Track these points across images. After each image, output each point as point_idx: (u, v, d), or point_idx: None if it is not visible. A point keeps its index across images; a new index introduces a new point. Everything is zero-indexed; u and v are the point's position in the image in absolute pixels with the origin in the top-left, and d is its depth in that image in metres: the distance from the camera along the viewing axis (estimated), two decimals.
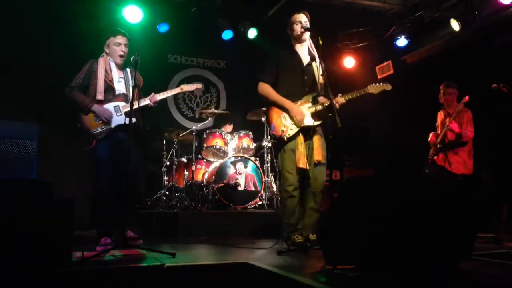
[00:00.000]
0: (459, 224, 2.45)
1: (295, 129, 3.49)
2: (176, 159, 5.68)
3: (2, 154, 3.25)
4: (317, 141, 3.50)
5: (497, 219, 4.66)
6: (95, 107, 3.60)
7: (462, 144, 4.65)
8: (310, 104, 3.52)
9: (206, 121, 5.87)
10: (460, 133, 4.58)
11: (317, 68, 3.50)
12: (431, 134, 4.92)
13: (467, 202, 2.51)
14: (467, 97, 4.63)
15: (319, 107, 3.45)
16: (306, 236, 3.44)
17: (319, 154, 3.46)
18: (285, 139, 3.51)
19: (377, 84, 3.58)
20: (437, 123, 5.00)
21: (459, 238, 2.45)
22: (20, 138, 3.34)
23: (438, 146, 4.73)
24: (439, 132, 4.86)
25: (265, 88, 3.60)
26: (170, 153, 5.71)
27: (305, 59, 3.62)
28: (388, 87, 3.62)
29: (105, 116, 3.61)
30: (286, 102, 3.51)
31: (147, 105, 3.73)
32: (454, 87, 4.80)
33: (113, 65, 3.74)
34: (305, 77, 3.57)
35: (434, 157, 4.79)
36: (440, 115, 4.95)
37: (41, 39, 5.49)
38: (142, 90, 3.94)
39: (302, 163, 3.44)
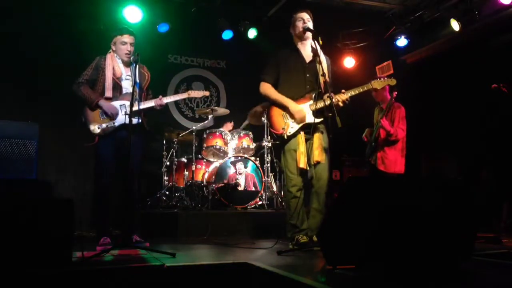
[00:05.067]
0: (459, 224, 2.44)
1: (295, 127, 3.49)
2: (176, 159, 5.68)
3: (2, 154, 3.26)
4: (317, 140, 3.48)
5: (497, 219, 4.66)
6: (102, 102, 3.59)
7: (393, 142, 4.60)
8: (311, 102, 3.51)
9: (206, 121, 5.87)
10: (390, 132, 4.53)
11: (320, 66, 3.49)
12: (366, 130, 4.85)
13: (467, 202, 2.50)
14: (394, 93, 4.57)
15: (320, 105, 3.45)
16: (310, 237, 3.42)
17: (318, 154, 3.45)
18: (285, 137, 3.50)
19: (381, 79, 3.58)
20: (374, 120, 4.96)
21: (459, 238, 2.45)
22: (20, 138, 3.35)
23: (372, 144, 4.69)
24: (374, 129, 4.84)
25: (266, 88, 3.60)
26: (170, 153, 5.71)
27: (308, 57, 3.62)
28: (393, 82, 3.63)
29: (111, 112, 3.59)
30: (287, 101, 3.50)
31: (152, 107, 3.72)
32: None
33: (120, 62, 3.75)
34: (307, 75, 3.56)
35: (370, 158, 4.74)
36: (376, 112, 4.90)
37: (41, 39, 5.49)
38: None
39: (303, 163, 3.43)
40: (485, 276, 2.41)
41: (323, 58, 3.54)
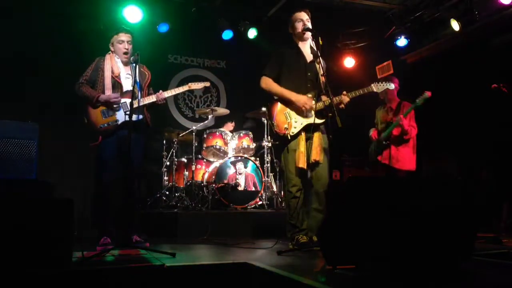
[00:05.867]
0: (459, 224, 2.44)
1: (298, 127, 3.49)
2: (176, 159, 5.68)
3: (2, 154, 3.25)
4: (317, 139, 3.48)
5: (497, 219, 4.66)
6: (102, 96, 3.62)
7: (406, 140, 4.65)
8: (313, 101, 3.51)
9: (206, 121, 5.87)
10: (407, 130, 4.57)
11: (319, 66, 3.51)
12: (372, 130, 4.86)
13: (467, 202, 2.50)
14: (429, 93, 4.56)
15: (320, 105, 3.45)
16: (310, 237, 3.42)
17: (317, 154, 3.45)
18: (289, 137, 3.50)
19: (380, 83, 3.62)
20: (376, 120, 4.97)
21: (459, 238, 2.45)
22: (20, 138, 3.34)
23: (384, 143, 4.69)
24: (379, 128, 4.83)
25: (268, 82, 3.59)
26: (170, 153, 5.71)
27: (308, 56, 3.62)
28: (391, 86, 3.67)
29: (112, 99, 3.61)
30: (289, 94, 3.50)
31: (154, 103, 3.74)
32: (395, 81, 4.73)
33: (119, 61, 3.76)
34: (308, 74, 3.57)
35: (378, 156, 4.75)
36: (380, 112, 4.92)
37: (41, 39, 5.49)
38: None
39: (302, 163, 3.42)
40: (485, 276, 2.41)
41: (320, 60, 3.55)
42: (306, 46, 3.65)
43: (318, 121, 3.47)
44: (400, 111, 4.69)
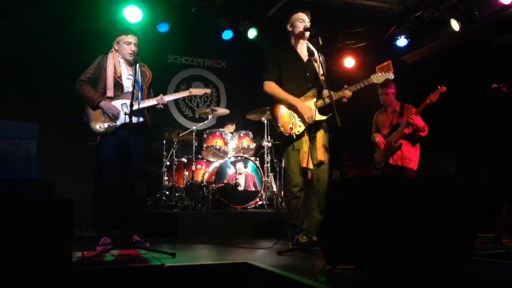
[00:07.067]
0: (459, 224, 2.44)
1: (303, 126, 3.49)
2: (176, 159, 5.68)
3: (2, 154, 3.25)
4: (320, 140, 3.49)
5: (497, 219, 4.66)
6: (103, 103, 3.60)
7: (418, 138, 4.60)
8: (314, 99, 3.52)
9: (206, 121, 5.87)
10: (424, 126, 4.49)
11: (318, 64, 3.51)
12: (377, 136, 4.74)
13: (467, 202, 2.50)
14: (444, 88, 4.45)
15: (320, 102, 3.46)
16: (310, 237, 3.43)
17: (321, 154, 3.46)
18: (294, 136, 3.49)
19: (380, 74, 3.62)
20: (375, 124, 4.86)
21: (459, 238, 2.45)
22: (20, 138, 3.34)
23: (395, 144, 4.59)
24: (385, 133, 4.75)
25: (272, 87, 3.59)
26: (170, 153, 5.71)
27: (305, 56, 3.64)
28: (391, 76, 3.66)
29: (112, 112, 3.61)
30: (294, 100, 3.50)
31: (154, 105, 3.74)
32: (392, 87, 4.70)
33: (122, 61, 3.75)
34: (307, 74, 3.58)
35: (390, 160, 4.68)
36: (382, 116, 4.82)
37: (41, 39, 5.49)
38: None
39: (305, 163, 3.43)
40: (485, 276, 2.41)
41: (317, 56, 3.55)
42: (303, 47, 3.66)
43: (321, 117, 3.47)
44: (404, 113, 4.66)
